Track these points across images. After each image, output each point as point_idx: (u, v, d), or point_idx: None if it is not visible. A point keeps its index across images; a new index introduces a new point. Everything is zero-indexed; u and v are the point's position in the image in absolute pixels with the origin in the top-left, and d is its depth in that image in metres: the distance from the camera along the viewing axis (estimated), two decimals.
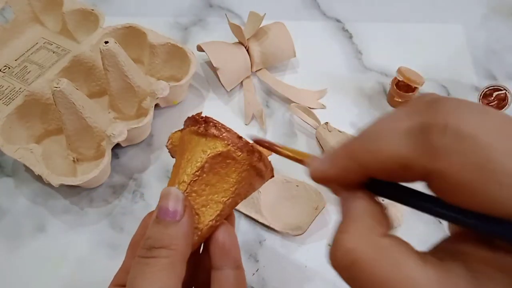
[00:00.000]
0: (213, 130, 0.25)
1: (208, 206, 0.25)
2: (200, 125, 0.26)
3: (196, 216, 0.25)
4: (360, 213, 0.18)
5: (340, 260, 0.17)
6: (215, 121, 0.26)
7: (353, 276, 0.16)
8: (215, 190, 0.26)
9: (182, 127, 0.28)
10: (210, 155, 0.25)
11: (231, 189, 0.26)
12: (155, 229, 0.24)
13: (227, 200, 0.26)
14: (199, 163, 0.25)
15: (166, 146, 0.29)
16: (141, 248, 0.24)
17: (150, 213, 0.28)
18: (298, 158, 0.23)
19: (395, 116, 0.17)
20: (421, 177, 0.16)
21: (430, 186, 0.16)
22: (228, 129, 0.26)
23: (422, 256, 0.16)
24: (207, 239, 0.26)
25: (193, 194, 0.25)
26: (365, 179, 0.18)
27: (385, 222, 0.18)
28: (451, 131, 0.15)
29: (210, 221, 0.25)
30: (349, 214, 0.18)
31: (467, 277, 0.15)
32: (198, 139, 0.26)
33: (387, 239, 0.17)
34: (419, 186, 0.17)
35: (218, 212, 0.26)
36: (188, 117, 0.27)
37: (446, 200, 0.16)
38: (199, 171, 0.25)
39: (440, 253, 0.17)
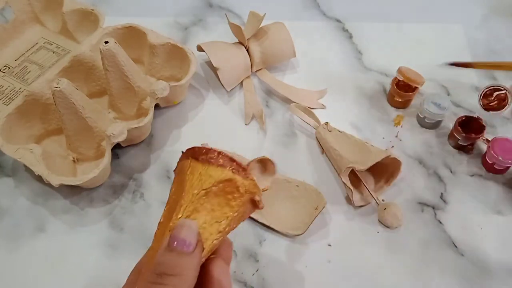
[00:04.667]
0: (220, 160, 0.27)
1: (211, 226, 0.26)
2: (206, 154, 0.28)
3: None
4: None
5: None
6: (221, 151, 0.28)
7: None
8: (217, 213, 0.27)
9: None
10: (217, 179, 0.27)
11: (230, 213, 0.27)
12: (168, 256, 0.24)
13: (227, 222, 0.27)
14: (205, 186, 0.26)
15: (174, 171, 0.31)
16: (151, 273, 0.24)
17: None
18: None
19: None
20: None
21: None
22: (231, 158, 0.28)
23: None
24: (202, 275, 0.26)
25: (195, 213, 0.26)
26: None
27: None
28: None
29: (215, 239, 0.26)
30: None
31: None
32: (203, 166, 0.27)
33: None
34: None
35: (219, 235, 0.27)
36: (191, 148, 0.29)
37: None
38: (205, 193, 0.26)
39: None
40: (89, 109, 0.45)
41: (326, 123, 0.49)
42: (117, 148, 0.49)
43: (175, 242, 0.24)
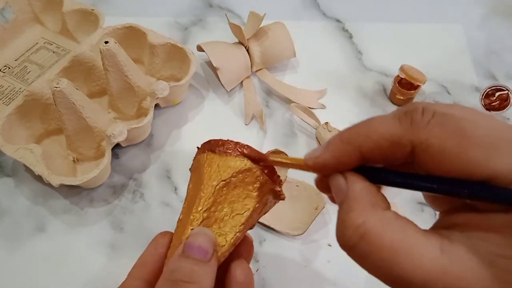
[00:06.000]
0: (238, 150, 0.27)
1: (232, 218, 0.26)
2: (223, 146, 0.27)
3: (220, 225, 0.26)
4: (361, 192, 0.19)
5: (350, 237, 0.18)
6: (238, 142, 0.27)
7: (363, 250, 0.17)
8: (238, 205, 0.26)
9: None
10: (236, 170, 0.26)
11: (251, 204, 0.27)
12: (183, 263, 0.23)
13: (249, 214, 0.26)
14: (224, 177, 0.26)
15: (190, 169, 0.30)
16: (165, 280, 0.23)
17: (162, 233, 0.27)
18: (293, 164, 0.24)
19: (381, 115, 0.20)
20: (408, 152, 0.18)
21: (416, 161, 0.18)
22: (249, 148, 0.27)
23: (422, 229, 0.18)
24: (224, 276, 0.26)
25: (216, 205, 0.26)
26: (356, 165, 0.20)
27: (383, 199, 0.20)
28: (429, 111, 0.18)
29: (237, 232, 0.26)
30: (350, 195, 0.19)
31: (464, 241, 0.17)
32: (220, 158, 0.27)
33: (390, 212, 0.18)
34: None
35: (241, 226, 0.26)
36: (207, 142, 0.28)
37: (431, 172, 0.18)
38: (224, 184, 0.26)
39: (436, 228, 0.19)
40: (89, 109, 0.45)
41: (326, 123, 0.49)
42: (117, 148, 0.49)
43: (191, 250, 0.23)
